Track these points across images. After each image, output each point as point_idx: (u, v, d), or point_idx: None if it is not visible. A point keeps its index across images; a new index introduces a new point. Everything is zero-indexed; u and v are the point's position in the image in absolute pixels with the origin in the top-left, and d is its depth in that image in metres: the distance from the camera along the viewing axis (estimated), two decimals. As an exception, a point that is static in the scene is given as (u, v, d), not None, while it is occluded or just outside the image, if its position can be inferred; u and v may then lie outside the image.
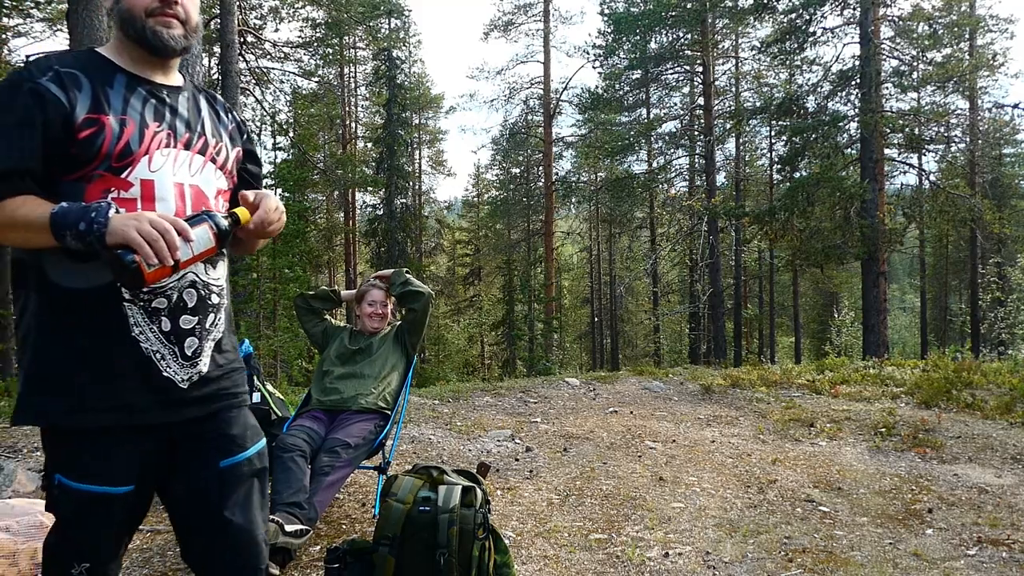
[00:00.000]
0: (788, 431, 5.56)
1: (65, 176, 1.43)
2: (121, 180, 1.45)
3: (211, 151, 1.62)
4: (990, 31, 21.65)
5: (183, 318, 1.53)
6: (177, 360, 1.52)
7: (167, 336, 1.51)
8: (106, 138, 1.43)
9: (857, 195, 15.42)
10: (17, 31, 16.74)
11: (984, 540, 3.41)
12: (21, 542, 2.72)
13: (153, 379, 1.50)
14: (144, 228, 1.31)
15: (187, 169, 1.55)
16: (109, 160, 1.43)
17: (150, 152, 1.49)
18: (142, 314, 1.48)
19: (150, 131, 1.50)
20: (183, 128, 1.57)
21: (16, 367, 16.15)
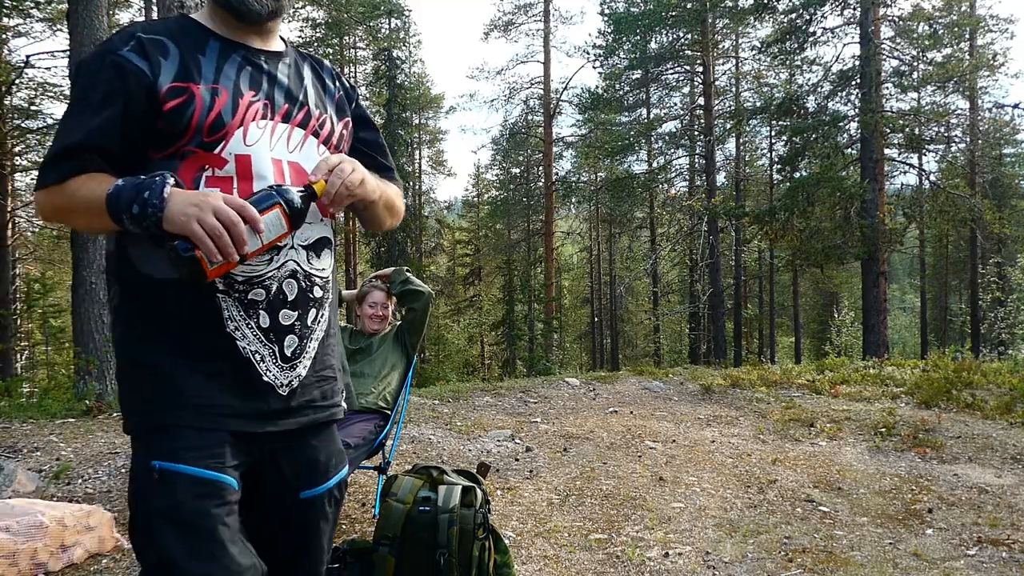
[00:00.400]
0: (788, 431, 5.56)
1: (156, 153, 1.29)
2: (214, 156, 1.29)
3: (313, 123, 1.43)
4: (990, 31, 21.66)
5: (283, 312, 1.35)
6: (276, 362, 1.35)
7: (266, 333, 1.33)
8: (196, 109, 1.27)
9: (857, 195, 15.42)
10: (17, 31, 16.75)
11: (984, 540, 3.41)
12: (21, 542, 2.72)
13: (253, 383, 1.32)
14: (207, 221, 1.15)
15: (285, 144, 1.38)
16: (200, 134, 1.27)
17: (245, 124, 1.32)
18: (237, 307, 1.30)
19: (244, 100, 1.33)
20: (282, 98, 1.39)
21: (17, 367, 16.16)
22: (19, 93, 16.08)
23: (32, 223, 19.10)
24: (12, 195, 17.03)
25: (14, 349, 15.61)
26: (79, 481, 3.94)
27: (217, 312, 1.29)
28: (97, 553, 2.98)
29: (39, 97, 16.33)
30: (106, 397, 6.60)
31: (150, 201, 1.16)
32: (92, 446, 4.55)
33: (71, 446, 4.54)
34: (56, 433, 4.86)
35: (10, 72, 15.75)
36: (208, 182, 1.28)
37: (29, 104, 16.34)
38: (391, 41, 26.31)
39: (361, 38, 26.37)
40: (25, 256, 19.43)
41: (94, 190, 1.21)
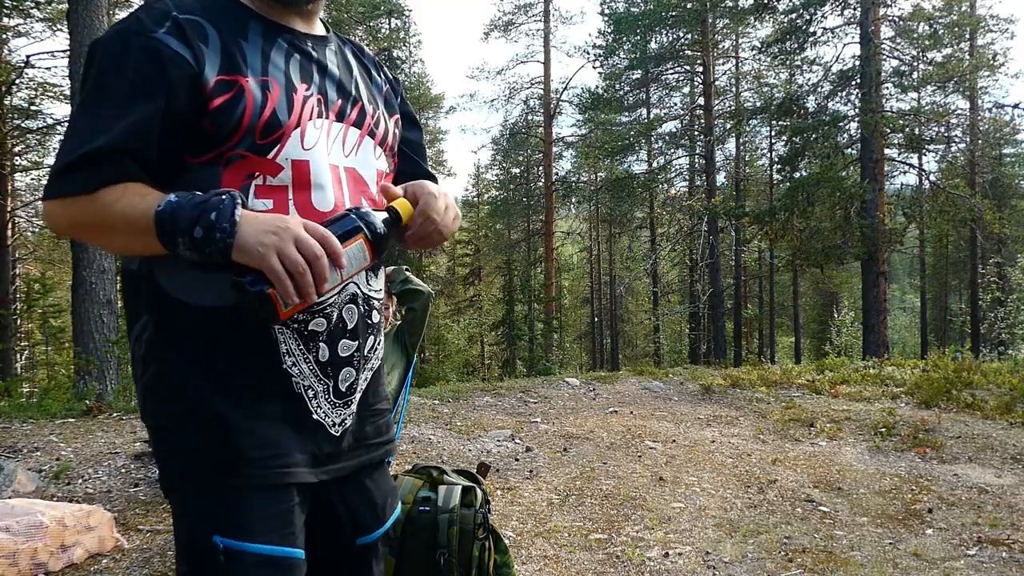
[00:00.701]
0: (788, 431, 5.56)
1: (195, 158, 1.06)
2: (267, 162, 1.08)
3: (369, 122, 1.23)
4: (990, 31, 21.67)
5: (342, 343, 1.16)
6: (329, 398, 1.16)
7: (323, 367, 1.14)
8: (247, 107, 1.05)
9: (857, 195, 15.42)
10: (17, 31, 16.75)
11: (984, 540, 3.41)
12: (21, 542, 2.72)
13: (303, 423, 1.13)
14: (289, 255, 0.97)
15: (341, 147, 1.17)
16: (252, 135, 1.06)
17: (302, 124, 1.11)
18: (296, 340, 1.11)
19: (299, 96, 1.12)
20: (335, 93, 1.19)
21: (17, 367, 16.15)
22: (19, 93, 16.08)
23: (32, 223, 19.09)
24: (12, 195, 17.04)
25: (14, 349, 15.61)
26: (79, 481, 3.94)
27: (274, 346, 1.10)
28: (97, 553, 2.98)
29: (39, 97, 16.33)
30: (106, 397, 6.60)
31: (218, 225, 0.96)
32: (92, 446, 4.55)
33: (71, 446, 4.54)
34: (56, 433, 4.86)
35: (10, 72, 15.74)
36: (258, 192, 1.08)
37: (29, 104, 16.34)
38: (391, 41, 26.32)
39: (361, 38, 26.36)
40: (25, 256, 19.42)
41: (136, 205, 0.99)
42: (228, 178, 1.07)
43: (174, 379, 1.09)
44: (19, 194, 18.47)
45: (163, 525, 3.32)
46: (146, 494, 3.76)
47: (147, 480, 3.96)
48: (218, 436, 1.08)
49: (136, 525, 3.33)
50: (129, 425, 5.17)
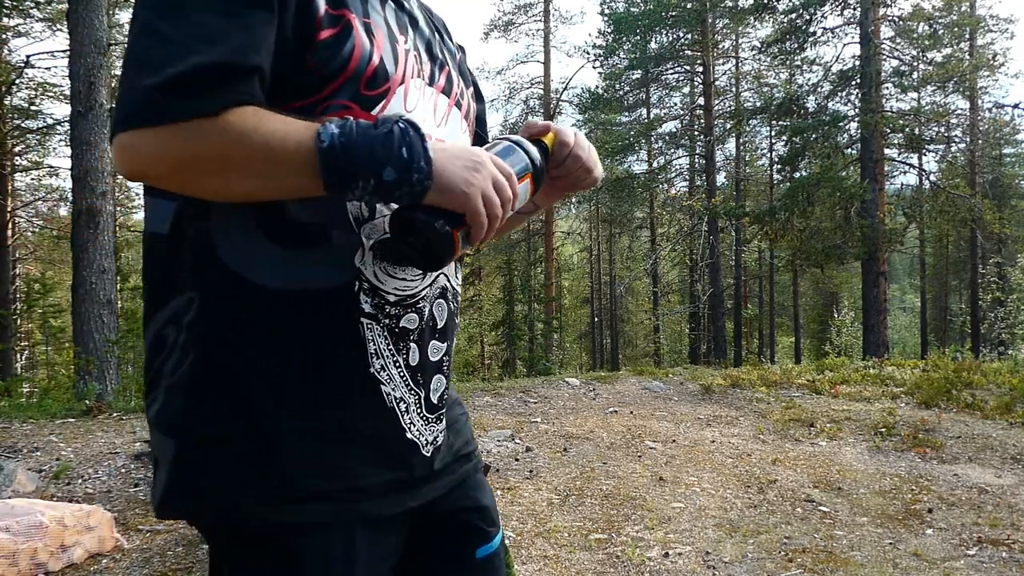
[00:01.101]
0: (788, 431, 5.56)
1: (287, 103, 0.82)
2: (369, 118, 0.84)
3: (455, 92, 1.06)
4: (990, 31, 21.68)
5: (432, 344, 0.98)
6: (422, 412, 0.96)
7: (413, 373, 0.94)
8: (355, 46, 0.85)
9: (857, 195, 15.43)
10: (17, 31, 16.76)
11: (984, 540, 3.41)
12: (21, 542, 2.72)
13: (395, 443, 0.92)
14: (491, 197, 0.82)
15: (432, 114, 0.98)
16: (357, 82, 0.86)
17: (406, 80, 0.93)
18: (386, 338, 0.90)
19: (401, 48, 0.93)
20: (425, 52, 1.00)
21: (17, 367, 16.15)
22: (19, 93, 16.09)
23: (32, 223, 19.11)
24: (12, 195, 17.04)
25: (14, 349, 15.62)
26: (79, 481, 3.94)
27: (361, 345, 0.88)
28: (97, 553, 2.99)
29: (39, 97, 16.35)
30: (106, 397, 6.60)
31: (414, 163, 0.77)
32: (92, 446, 4.55)
33: (71, 446, 4.54)
34: (56, 433, 4.86)
35: (10, 72, 15.75)
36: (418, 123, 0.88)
37: (29, 104, 16.36)
38: (391, 41, 26.34)
39: (361, 38, 26.40)
40: (25, 256, 19.43)
41: (286, 135, 0.76)
42: None
43: (225, 375, 0.84)
44: (19, 194, 18.47)
45: (163, 525, 3.32)
46: (146, 494, 3.76)
47: (147, 480, 3.96)
48: (283, 456, 0.83)
49: (136, 525, 3.33)
50: (129, 425, 5.17)
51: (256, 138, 0.75)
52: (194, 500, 0.84)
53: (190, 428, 0.85)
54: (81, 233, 7.75)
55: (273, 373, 0.84)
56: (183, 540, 3.15)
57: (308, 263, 0.84)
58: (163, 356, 0.87)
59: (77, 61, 7.79)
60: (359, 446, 0.88)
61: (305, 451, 0.84)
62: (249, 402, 0.83)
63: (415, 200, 0.80)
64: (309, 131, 0.76)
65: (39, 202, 19.94)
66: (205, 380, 0.84)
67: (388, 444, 0.91)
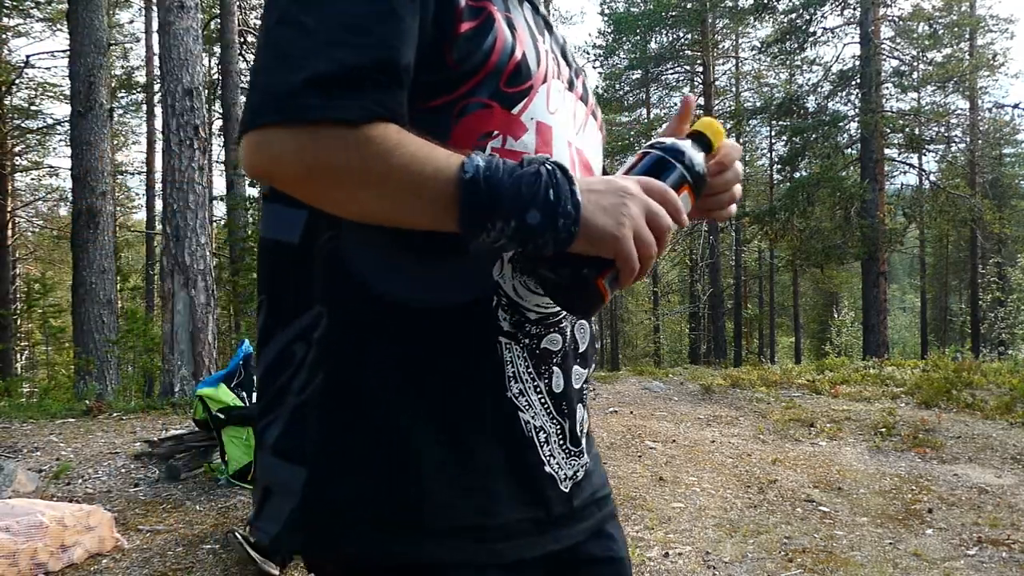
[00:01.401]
0: (788, 431, 5.56)
1: (427, 100, 0.77)
2: (511, 118, 0.80)
3: (591, 102, 0.96)
4: (990, 31, 21.65)
5: (575, 370, 0.88)
6: (564, 444, 0.86)
7: (556, 401, 0.85)
8: (497, 39, 0.78)
9: (857, 195, 15.44)
10: (17, 31, 16.77)
11: (984, 540, 3.41)
12: (21, 542, 2.72)
13: (530, 476, 0.83)
14: (644, 237, 0.72)
15: (572, 120, 0.89)
16: (498, 79, 0.79)
17: (548, 80, 0.85)
18: (526, 360, 0.82)
19: (542, 47, 0.86)
20: (561, 56, 0.91)
21: (17, 367, 16.16)
22: (19, 93, 16.10)
23: (32, 223, 19.13)
24: (12, 195, 17.04)
25: (14, 349, 15.62)
26: (79, 481, 3.95)
27: (498, 366, 0.80)
28: (97, 553, 2.98)
29: (39, 97, 16.36)
30: (106, 397, 6.60)
31: (560, 207, 0.69)
32: (92, 446, 4.55)
33: (71, 446, 4.54)
34: (56, 433, 4.87)
35: (10, 72, 15.76)
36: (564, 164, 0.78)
37: (29, 104, 16.37)
38: (391, 41, 26.37)
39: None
40: (25, 256, 19.44)
41: (428, 159, 0.69)
42: (459, 134, 0.78)
43: (360, 397, 0.77)
44: (19, 194, 18.47)
45: (163, 525, 3.33)
46: (146, 494, 3.76)
47: (147, 480, 3.96)
48: (424, 487, 0.76)
49: (136, 525, 3.33)
50: (129, 425, 5.17)
51: (397, 156, 0.68)
52: (328, 533, 0.76)
53: (325, 455, 0.77)
54: (81, 233, 7.75)
55: (412, 395, 0.77)
56: (183, 540, 3.15)
57: (444, 276, 0.77)
58: (289, 373, 0.80)
59: (77, 61, 7.80)
60: (495, 479, 0.80)
61: (445, 483, 0.77)
62: (388, 428, 0.76)
63: (560, 248, 0.71)
64: (452, 159, 0.69)
65: (39, 202, 19.96)
66: (339, 402, 0.77)
67: (524, 478, 0.82)
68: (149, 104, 19.30)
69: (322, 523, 0.76)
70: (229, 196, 14.55)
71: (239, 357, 4.08)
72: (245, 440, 3.78)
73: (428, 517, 0.76)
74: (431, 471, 0.76)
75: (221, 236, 15.74)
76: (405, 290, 0.77)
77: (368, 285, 0.77)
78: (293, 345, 0.80)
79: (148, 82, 18.63)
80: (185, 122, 6.19)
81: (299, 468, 0.77)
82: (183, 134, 6.18)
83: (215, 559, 2.97)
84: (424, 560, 0.76)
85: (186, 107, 6.19)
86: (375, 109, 0.68)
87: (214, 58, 17.38)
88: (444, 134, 0.76)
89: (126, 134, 22.44)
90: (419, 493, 0.76)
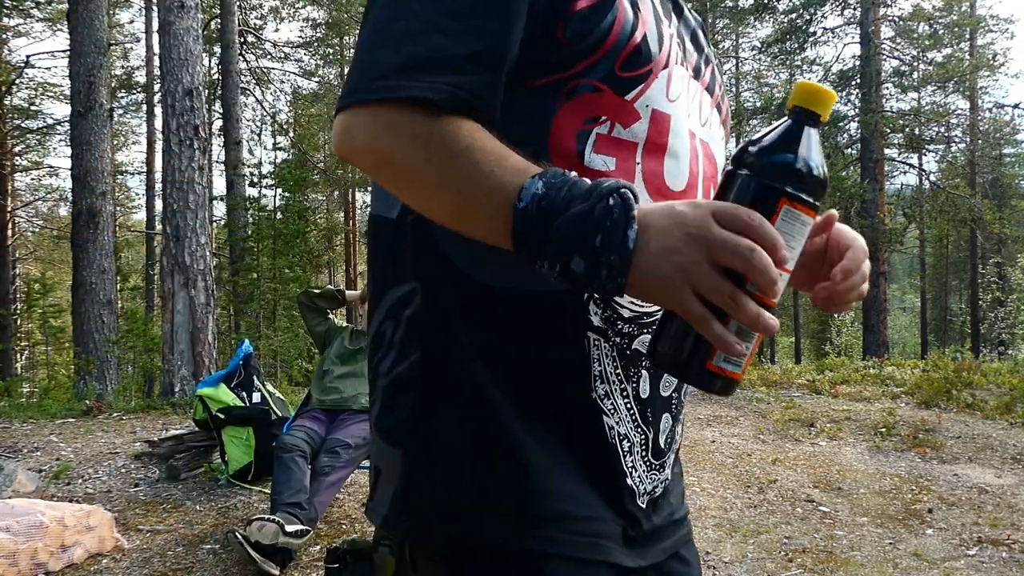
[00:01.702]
0: (788, 431, 5.56)
1: (532, 79, 0.72)
2: (624, 104, 0.74)
3: (717, 92, 0.90)
4: (990, 31, 21.66)
5: (665, 376, 0.82)
6: (646, 456, 0.80)
7: (642, 408, 0.79)
8: (617, 18, 0.73)
9: (857, 195, 15.45)
10: (17, 31, 16.77)
11: (984, 540, 3.41)
12: (21, 542, 2.72)
13: (609, 487, 0.77)
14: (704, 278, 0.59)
15: (698, 111, 0.83)
16: (613, 60, 0.73)
17: (670, 65, 0.78)
18: (614, 359, 0.76)
19: (666, 31, 0.79)
20: (690, 42, 0.86)
21: (17, 367, 16.16)
22: (19, 93, 16.10)
23: (32, 223, 19.14)
24: (12, 195, 17.05)
25: (14, 349, 15.63)
26: (79, 481, 3.94)
27: (584, 363, 0.75)
28: (97, 553, 2.98)
29: (39, 97, 16.36)
30: (106, 397, 6.61)
31: (604, 255, 0.60)
32: (92, 446, 4.55)
33: (71, 446, 4.54)
34: (56, 433, 4.87)
35: (10, 72, 15.76)
36: (599, 144, 0.74)
37: (29, 104, 16.37)
38: (391, 41, 26.33)
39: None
40: (25, 256, 19.44)
41: (489, 170, 0.64)
42: (564, 117, 0.73)
43: (445, 383, 0.75)
44: (19, 194, 18.48)
45: (163, 525, 3.33)
46: (146, 494, 3.76)
47: (147, 480, 3.96)
48: (521, 474, 0.72)
49: (136, 525, 3.33)
50: (129, 425, 5.17)
51: (459, 162, 0.64)
52: (426, 518, 0.75)
53: (422, 438, 0.75)
54: (81, 233, 7.75)
55: (493, 384, 0.73)
56: (183, 540, 3.15)
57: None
58: (381, 354, 0.79)
59: (77, 61, 7.80)
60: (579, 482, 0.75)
61: (541, 472, 0.73)
62: (472, 416, 0.73)
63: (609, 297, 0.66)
64: (516, 177, 0.63)
65: (39, 202, 19.97)
66: (426, 385, 0.75)
67: (607, 488, 0.77)
68: (149, 104, 19.31)
69: (420, 508, 0.75)
70: (229, 196, 14.57)
71: (239, 357, 4.08)
72: (245, 440, 3.78)
73: (523, 507, 0.72)
74: (532, 460, 0.73)
75: (221, 236, 15.76)
76: (491, 272, 0.74)
77: (456, 265, 0.75)
78: (384, 323, 0.79)
79: (148, 82, 18.64)
80: (185, 122, 6.19)
81: (395, 450, 0.76)
82: (183, 134, 6.19)
83: (215, 559, 2.97)
84: (524, 549, 0.72)
85: (186, 107, 6.19)
86: (462, 96, 0.65)
87: (214, 58, 17.39)
88: (548, 115, 0.73)
89: (126, 134, 22.46)
90: (526, 481, 0.72)
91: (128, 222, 22.95)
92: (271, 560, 2.74)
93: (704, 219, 0.59)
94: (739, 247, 0.57)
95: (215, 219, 14.16)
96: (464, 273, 0.75)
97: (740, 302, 0.58)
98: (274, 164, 17.20)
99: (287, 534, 2.72)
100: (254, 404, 3.95)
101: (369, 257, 0.84)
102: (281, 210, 15.49)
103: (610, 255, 0.60)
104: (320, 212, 27.39)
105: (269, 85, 20.78)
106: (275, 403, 4.05)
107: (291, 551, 2.85)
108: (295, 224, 14.93)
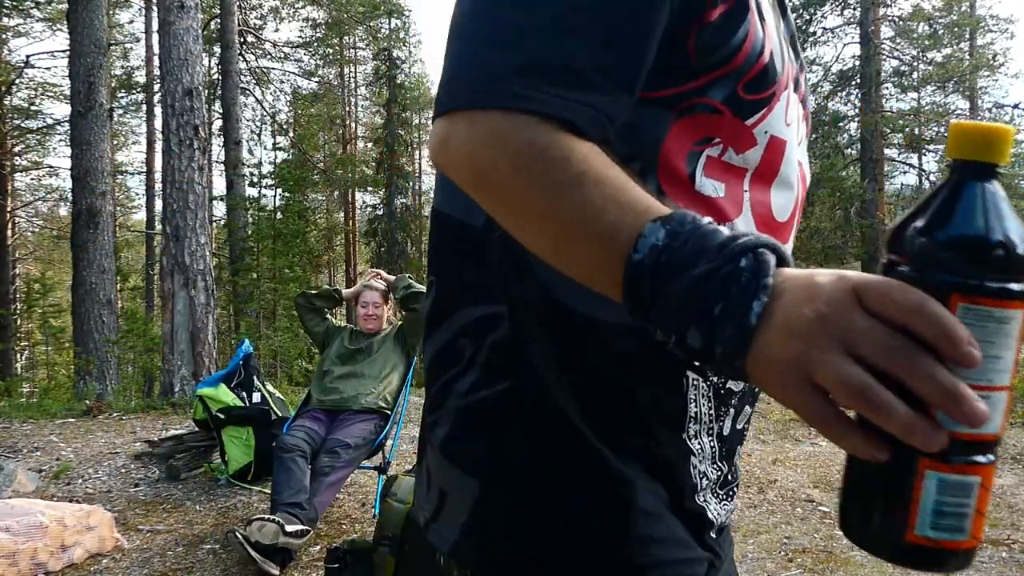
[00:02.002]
0: (788, 431, 5.56)
1: (649, 91, 0.63)
2: (742, 128, 0.67)
3: (809, 104, 0.83)
4: (990, 31, 21.63)
5: (744, 411, 0.80)
6: (716, 490, 0.77)
7: (722, 446, 0.77)
8: (748, 34, 0.64)
9: (857, 195, 15.45)
10: (17, 31, 16.77)
11: (984, 540, 3.41)
12: (21, 542, 2.72)
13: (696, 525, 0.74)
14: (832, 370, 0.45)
15: (796, 131, 0.76)
16: (738, 80, 0.66)
17: (788, 87, 0.72)
18: (709, 400, 0.72)
19: (785, 52, 0.73)
20: (790, 49, 0.77)
21: (17, 367, 16.15)
22: (19, 93, 16.10)
23: (32, 223, 19.16)
24: (12, 195, 17.05)
25: (14, 349, 15.63)
26: (79, 481, 3.94)
27: (683, 404, 0.70)
28: (97, 553, 2.98)
29: (39, 97, 16.35)
30: (106, 397, 6.61)
31: (721, 332, 0.47)
32: (92, 446, 4.55)
33: (71, 446, 4.54)
34: (56, 433, 4.87)
35: (10, 72, 15.77)
36: (708, 168, 0.67)
37: (29, 104, 16.36)
38: (391, 41, 26.33)
39: (361, 38, 26.38)
40: (25, 256, 19.45)
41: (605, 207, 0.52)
42: (676, 134, 0.66)
43: (533, 417, 0.68)
44: (19, 194, 18.48)
45: (163, 525, 3.33)
46: (146, 494, 3.76)
47: (147, 480, 3.96)
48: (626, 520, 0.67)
49: (136, 525, 3.33)
50: (129, 425, 5.17)
51: (576, 188, 0.53)
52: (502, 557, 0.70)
53: (507, 476, 0.69)
54: (81, 233, 7.75)
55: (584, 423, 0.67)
56: (183, 540, 3.15)
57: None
58: (456, 371, 0.72)
59: (77, 61, 7.80)
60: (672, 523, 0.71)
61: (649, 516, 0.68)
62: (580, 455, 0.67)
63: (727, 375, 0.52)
64: (636, 217, 0.52)
65: (39, 202, 19.97)
66: (511, 418, 0.69)
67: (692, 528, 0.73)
68: (149, 104, 19.31)
69: (496, 545, 0.70)
70: (229, 196, 14.57)
71: (239, 357, 4.08)
72: (245, 440, 3.78)
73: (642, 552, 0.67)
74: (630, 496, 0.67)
75: (221, 236, 15.76)
76: (587, 300, 0.65)
77: (549, 288, 0.67)
78: (460, 339, 0.72)
79: (148, 82, 18.63)
80: (185, 122, 6.19)
81: (471, 479, 0.71)
82: (183, 134, 6.19)
83: (215, 559, 2.97)
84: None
85: (186, 107, 6.19)
86: (599, 119, 0.57)
87: (214, 58, 17.40)
88: (660, 131, 0.66)
89: (126, 134, 22.45)
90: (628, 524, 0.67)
91: (128, 222, 22.95)
92: (271, 560, 2.74)
93: (843, 296, 0.44)
94: (890, 348, 0.42)
95: (215, 219, 14.16)
96: (560, 302, 0.67)
97: (875, 398, 0.43)
98: (274, 164, 17.22)
99: (287, 534, 2.72)
100: (254, 404, 3.95)
101: (434, 258, 0.76)
102: (281, 210, 15.51)
103: (724, 330, 0.47)
104: (320, 212, 27.41)
105: (269, 85, 20.79)
106: (275, 403, 4.05)
107: (291, 551, 2.85)
108: (295, 224, 14.94)
